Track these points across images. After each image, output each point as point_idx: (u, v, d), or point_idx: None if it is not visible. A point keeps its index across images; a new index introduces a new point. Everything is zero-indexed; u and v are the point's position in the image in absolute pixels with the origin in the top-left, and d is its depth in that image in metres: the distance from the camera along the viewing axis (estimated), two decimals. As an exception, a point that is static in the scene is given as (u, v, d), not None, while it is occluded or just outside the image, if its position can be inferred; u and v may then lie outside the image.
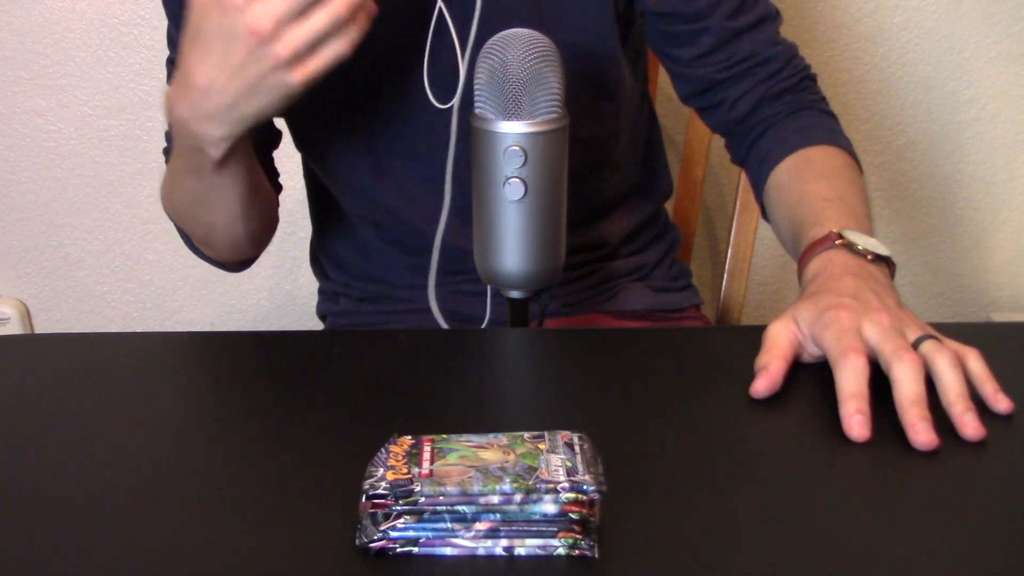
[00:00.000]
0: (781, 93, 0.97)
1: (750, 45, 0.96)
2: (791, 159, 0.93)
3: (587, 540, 0.53)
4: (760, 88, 0.96)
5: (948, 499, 0.59)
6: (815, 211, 0.84)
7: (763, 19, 0.97)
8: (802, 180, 0.91)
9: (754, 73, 0.96)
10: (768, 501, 0.59)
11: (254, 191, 0.91)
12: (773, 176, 0.94)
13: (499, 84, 0.76)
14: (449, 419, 0.67)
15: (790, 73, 0.97)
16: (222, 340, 0.84)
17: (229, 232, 0.94)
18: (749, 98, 0.96)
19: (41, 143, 1.52)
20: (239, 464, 0.63)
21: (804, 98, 0.97)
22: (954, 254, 1.65)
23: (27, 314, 1.64)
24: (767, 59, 0.96)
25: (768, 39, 0.97)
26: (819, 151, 0.93)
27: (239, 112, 0.77)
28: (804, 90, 0.98)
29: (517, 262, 0.80)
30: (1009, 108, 1.56)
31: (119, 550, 0.55)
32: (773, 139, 0.95)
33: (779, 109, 0.96)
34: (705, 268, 1.63)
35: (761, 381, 0.69)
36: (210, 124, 0.78)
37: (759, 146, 0.96)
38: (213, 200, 0.89)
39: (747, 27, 0.96)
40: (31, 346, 0.83)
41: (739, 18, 0.95)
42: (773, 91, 0.96)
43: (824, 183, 0.88)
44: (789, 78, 0.97)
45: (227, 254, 0.99)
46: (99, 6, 1.45)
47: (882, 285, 0.76)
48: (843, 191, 0.87)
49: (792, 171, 0.92)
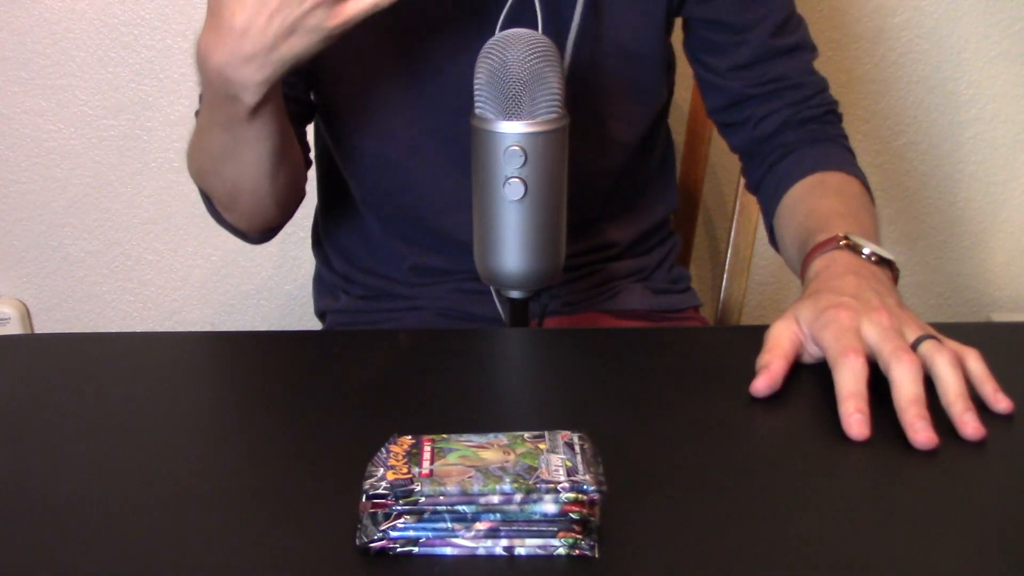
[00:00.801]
0: (806, 121, 0.98)
1: (785, 67, 0.97)
2: (807, 180, 0.94)
3: (587, 540, 0.53)
4: (786, 111, 0.98)
5: (948, 498, 0.59)
6: (824, 221, 0.85)
7: (801, 46, 0.99)
8: (815, 196, 0.92)
9: (783, 95, 0.98)
10: (768, 501, 0.59)
11: (284, 148, 0.89)
12: (787, 196, 0.95)
13: (499, 84, 0.76)
14: (449, 419, 0.67)
15: (818, 103, 0.99)
16: (222, 340, 0.84)
17: (255, 191, 0.91)
18: (774, 119, 0.98)
19: (41, 143, 1.52)
20: (239, 464, 0.63)
21: (827, 130, 0.98)
22: (954, 254, 1.65)
23: (27, 314, 1.64)
24: (798, 84, 0.98)
25: (803, 66, 0.99)
26: (835, 176, 0.94)
27: (278, 54, 0.76)
28: (828, 123, 0.99)
29: (517, 262, 0.80)
30: (1009, 108, 1.56)
31: (119, 550, 0.55)
32: (791, 163, 0.96)
33: (801, 136, 0.97)
34: (705, 269, 1.63)
35: (761, 380, 0.69)
36: (248, 67, 0.77)
37: (776, 170, 0.97)
38: (242, 153, 0.87)
39: (785, 49, 0.97)
40: (31, 346, 0.83)
41: (780, 38, 0.97)
42: (799, 117, 0.98)
43: (837, 200, 0.89)
44: (816, 107, 0.98)
45: (250, 217, 0.96)
46: (99, 6, 1.45)
47: (884, 285, 0.76)
48: (855, 210, 0.88)
49: (807, 189, 0.93)
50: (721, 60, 0.98)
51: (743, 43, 0.96)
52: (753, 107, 0.98)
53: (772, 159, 0.98)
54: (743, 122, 0.99)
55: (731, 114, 1.00)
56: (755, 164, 1.00)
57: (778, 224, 0.96)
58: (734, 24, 0.96)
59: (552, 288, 0.84)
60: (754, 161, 1.00)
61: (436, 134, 0.96)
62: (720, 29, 0.97)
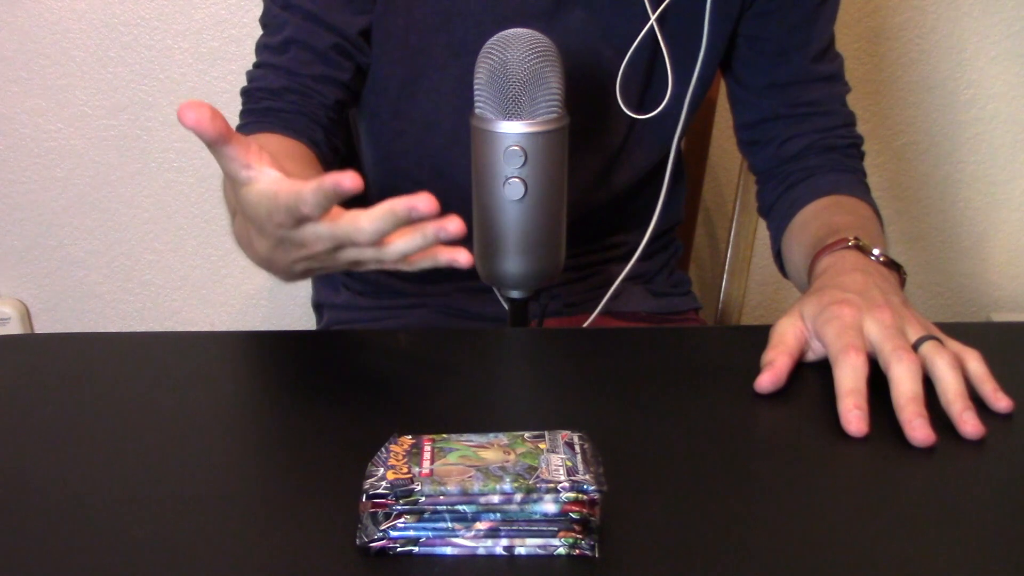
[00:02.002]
0: (830, 149, 0.99)
1: (819, 93, 0.98)
2: (822, 200, 0.95)
3: (587, 540, 0.53)
4: (813, 136, 0.98)
5: (947, 496, 0.59)
6: (835, 229, 0.85)
7: (838, 77, 1.00)
8: (829, 213, 0.92)
9: (812, 120, 0.98)
10: (767, 500, 0.59)
11: None
12: (800, 214, 0.95)
13: (499, 84, 0.76)
14: (449, 419, 0.67)
15: (844, 135, 0.99)
16: (222, 340, 0.84)
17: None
18: (799, 141, 0.98)
19: (41, 143, 1.52)
20: (239, 464, 0.63)
21: (848, 163, 0.99)
22: (954, 254, 1.65)
23: (27, 314, 1.64)
24: (829, 112, 0.99)
25: (836, 96, 1.00)
26: (850, 200, 0.94)
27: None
28: (850, 156, 1.00)
29: (517, 262, 0.80)
30: (1009, 108, 1.56)
31: (119, 550, 0.55)
32: (809, 186, 0.97)
33: (823, 163, 0.98)
34: (705, 268, 1.63)
35: (766, 376, 0.69)
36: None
37: (792, 192, 0.98)
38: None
39: (822, 76, 0.98)
40: (31, 346, 0.83)
41: (820, 64, 0.98)
42: (823, 143, 0.98)
43: (851, 218, 0.90)
44: (842, 138, 0.99)
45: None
46: (99, 6, 1.45)
47: (889, 283, 0.76)
48: (867, 227, 0.88)
49: (821, 207, 0.94)
50: (759, 78, 0.99)
51: (784, 63, 0.97)
52: (781, 128, 0.99)
53: (791, 180, 0.98)
54: (768, 141, 1.00)
55: (758, 132, 1.00)
56: (772, 185, 1.00)
57: (787, 241, 0.96)
58: (779, 44, 0.97)
59: (552, 288, 0.84)
60: (772, 182, 1.01)
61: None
62: (764, 47, 0.97)
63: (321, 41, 0.90)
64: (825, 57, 0.99)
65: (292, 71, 0.90)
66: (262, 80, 0.90)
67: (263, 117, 0.89)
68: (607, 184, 1.01)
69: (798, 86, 0.98)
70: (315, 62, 0.90)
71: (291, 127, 0.88)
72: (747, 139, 1.02)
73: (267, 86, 0.90)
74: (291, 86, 0.90)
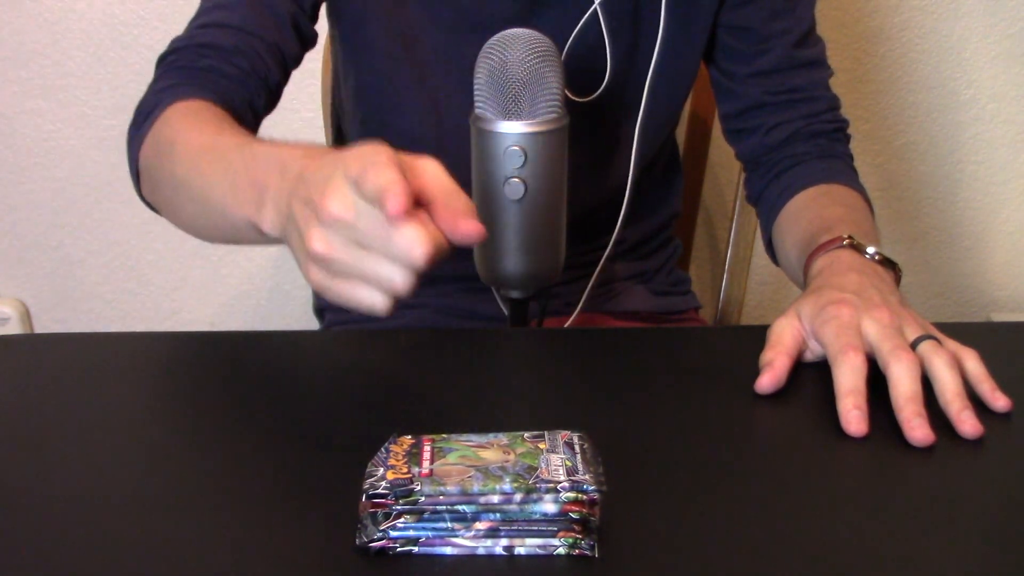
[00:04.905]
0: (816, 135, 0.98)
1: (803, 79, 0.98)
2: (811, 189, 0.94)
3: (587, 540, 0.53)
4: (798, 122, 0.98)
5: (947, 496, 0.59)
6: (828, 225, 0.85)
7: (820, 62, 1.00)
8: (820, 205, 0.92)
9: (797, 107, 0.98)
10: (767, 500, 0.59)
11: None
12: (790, 204, 0.95)
13: (499, 84, 0.76)
14: (449, 419, 0.67)
15: (830, 119, 0.99)
16: (222, 340, 0.84)
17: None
18: (785, 128, 0.98)
19: (41, 143, 1.52)
20: (239, 464, 0.63)
21: (835, 147, 0.99)
22: (954, 254, 1.65)
23: (27, 314, 1.64)
24: (813, 98, 0.99)
25: (820, 81, 1.00)
26: (840, 188, 0.94)
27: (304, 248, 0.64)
28: (837, 140, 1.00)
29: (517, 262, 0.80)
30: (1009, 108, 1.56)
31: (119, 550, 0.55)
32: (797, 173, 0.97)
33: (809, 149, 0.98)
34: (705, 268, 1.63)
35: (766, 377, 0.69)
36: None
37: (781, 180, 0.97)
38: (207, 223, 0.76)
39: (806, 62, 0.98)
40: (31, 346, 0.83)
41: (801, 50, 0.98)
42: (809, 129, 0.98)
43: (842, 209, 0.90)
44: (827, 123, 0.99)
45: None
46: (99, 6, 1.45)
47: (886, 283, 0.76)
48: (859, 219, 0.88)
49: (811, 197, 0.94)
50: (741, 66, 0.98)
51: (766, 51, 0.97)
52: (766, 115, 0.99)
53: (778, 169, 0.98)
54: (754, 129, 0.99)
55: (743, 120, 1.00)
56: (760, 173, 1.00)
57: (778, 230, 0.96)
58: (760, 31, 0.96)
59: (552, 288, 0.84)
60: (759, 170, 1.00)
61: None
62: (746, 37, 0.97)
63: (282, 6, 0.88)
64: (807, 42, 0.98)
65: (248, 31, 0.85)
66: (207, 36, 0.86)
67: (197, 78, 0.83)
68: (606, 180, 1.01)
69: (781, 73, 0.97)
70: (272, 28, 0.87)
71: (228, 98, 0.82)
72: (733, 128, 1.02)
73: (214, 42, 0.85)
74: (243, 48, 0.85)
